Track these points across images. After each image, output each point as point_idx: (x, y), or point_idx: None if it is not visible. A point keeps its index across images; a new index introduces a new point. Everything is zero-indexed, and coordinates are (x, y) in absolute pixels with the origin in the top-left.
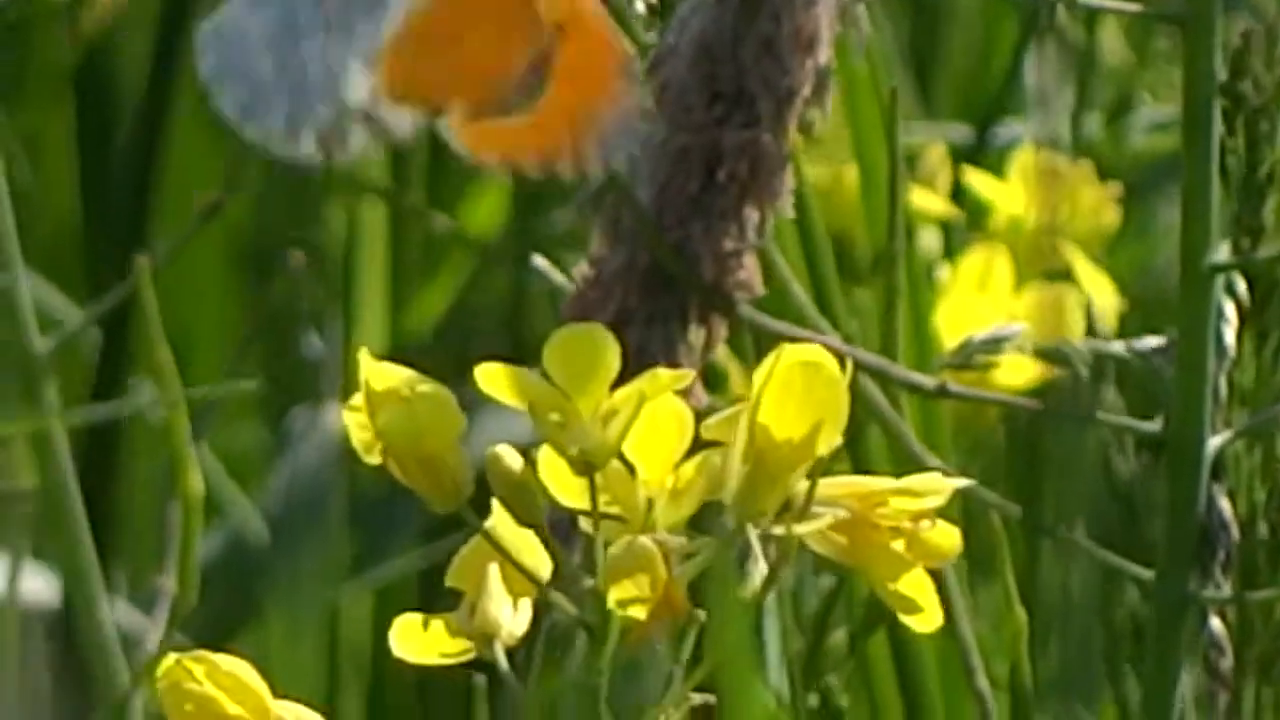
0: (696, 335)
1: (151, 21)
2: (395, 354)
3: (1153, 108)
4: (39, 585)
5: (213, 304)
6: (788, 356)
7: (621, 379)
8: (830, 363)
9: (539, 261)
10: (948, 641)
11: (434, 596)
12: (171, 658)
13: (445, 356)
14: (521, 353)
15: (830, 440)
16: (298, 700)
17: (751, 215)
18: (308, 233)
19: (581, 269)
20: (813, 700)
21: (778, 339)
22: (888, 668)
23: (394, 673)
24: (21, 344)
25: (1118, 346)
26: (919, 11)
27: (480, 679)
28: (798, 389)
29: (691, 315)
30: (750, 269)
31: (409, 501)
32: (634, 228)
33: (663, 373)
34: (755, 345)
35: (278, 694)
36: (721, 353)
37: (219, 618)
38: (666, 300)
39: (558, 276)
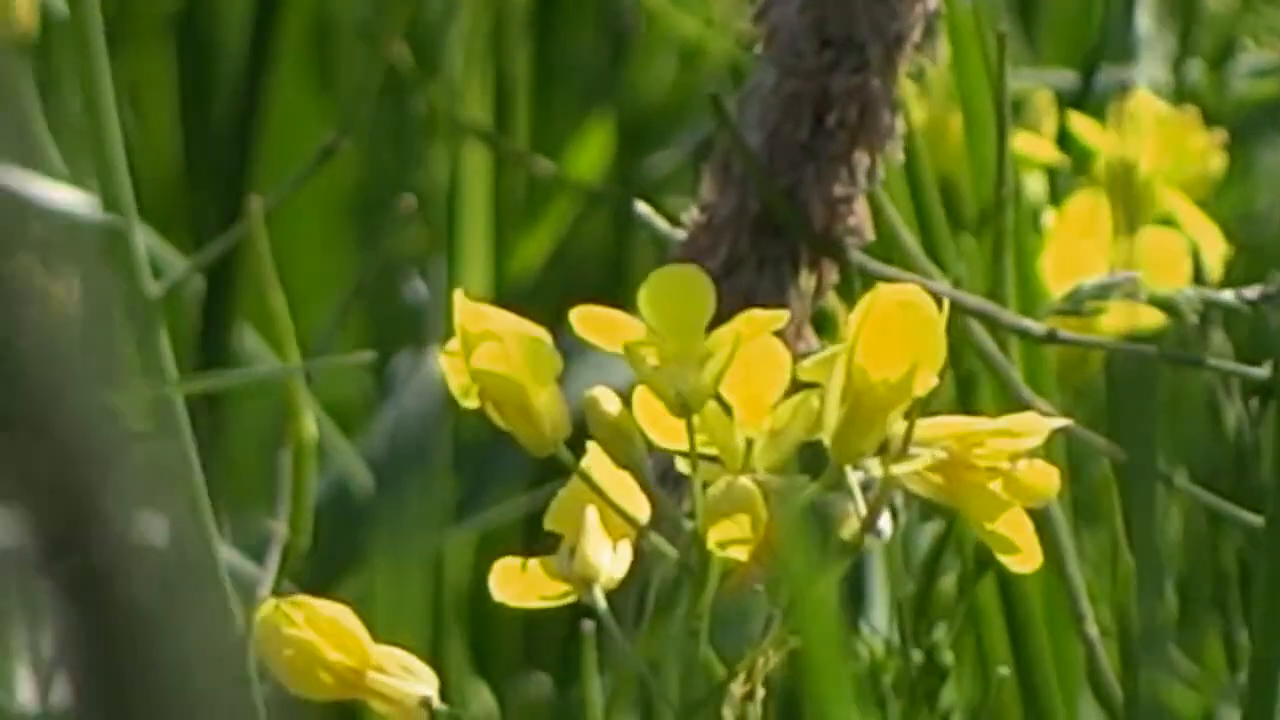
0: (807, 280)
1: None
2: (498, 299)
3: (1255, 53)
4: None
5: (316, 249)
6: (884, 297)
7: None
8: (927, 303)
9: (642, 208)
10: (1056, 586)
11: (537, 542)
12: (271, 602)
13: (547, 302)
14: (624, 298)
15: (926, 381)
16: (402, 645)
17: (861, 160)
18: (411, 177)
19: (692, 214)
20: (920, 651)
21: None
22: (996, 613)
23: (498, 618)
24: (133, 289)
25: (1226, 295)
26: None
27: (588, 624)
28: (894, 330)
29: (802, 261)
30: (860, 214)
31: (513, 447)
32: (744, 173)
33: (758, 313)
34: (865, 290)
35: (382, 639)
36: (831, 298)
37: (323, 563)
38: (777, 246)
39: (660, 223)
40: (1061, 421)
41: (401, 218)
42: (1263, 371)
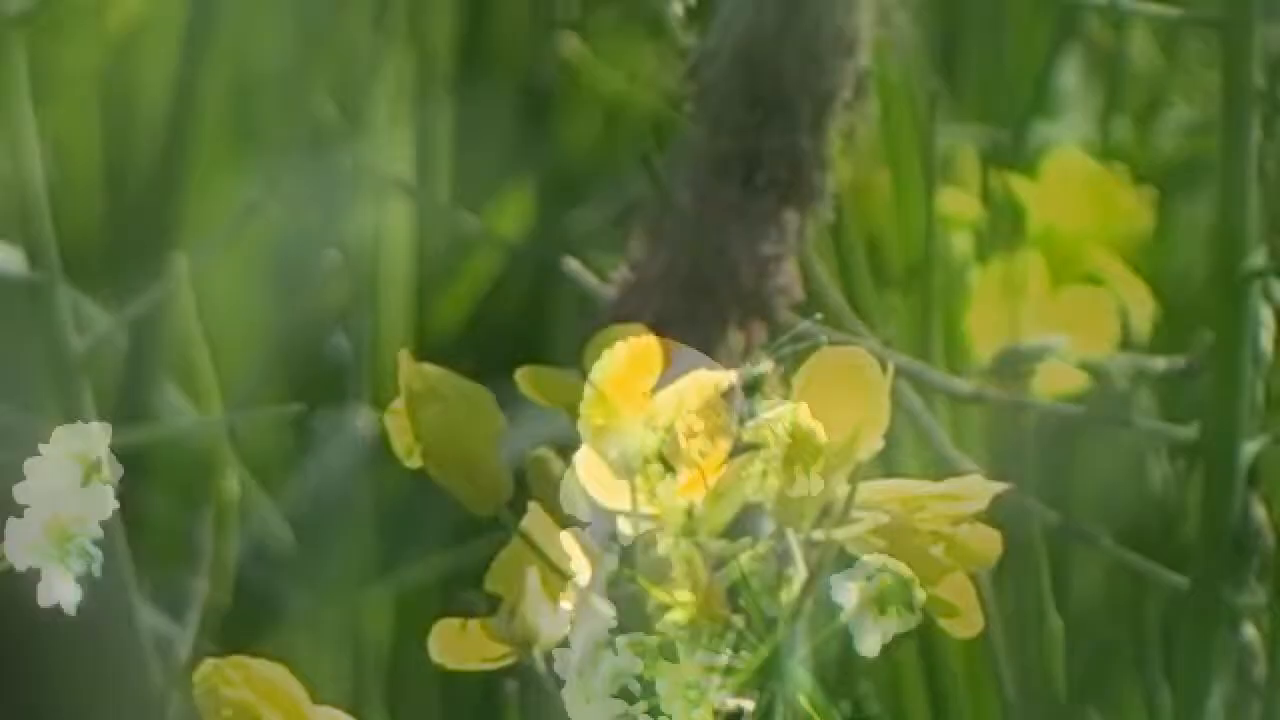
0: (736, 339)
1: (178, 24)
2: (419, 355)
3: (1182, 110)
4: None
5: (239, 304)
6: (829, 359)
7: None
8: (872, 365)
9: (572, 264)
10: (975, 646)
11: (455, 601)
12: (209, 663)
13: (469, 358)
14: (545, 355)
15: (871, 444)
16: (320, 703)
17: (791, 219)
18: (334, 232)
19: (622, 272)
20: (845, 708)
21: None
22: (916, 670)
23: (416, 676)
24: (56, 344)
25: (1159, 362)
26: (948, 14)
27: (512, 685)
28: (839, 392)
29: (731, 320)
30: (789, 274)
31: (433, 505)
32: (674, 232)
33: (704, 375)
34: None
35: None
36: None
37: (243, 621)
38: (706, 304)
39: (590, 279)
40: (1003, 486)
41: (324, 273)
42: (1190, 431)
